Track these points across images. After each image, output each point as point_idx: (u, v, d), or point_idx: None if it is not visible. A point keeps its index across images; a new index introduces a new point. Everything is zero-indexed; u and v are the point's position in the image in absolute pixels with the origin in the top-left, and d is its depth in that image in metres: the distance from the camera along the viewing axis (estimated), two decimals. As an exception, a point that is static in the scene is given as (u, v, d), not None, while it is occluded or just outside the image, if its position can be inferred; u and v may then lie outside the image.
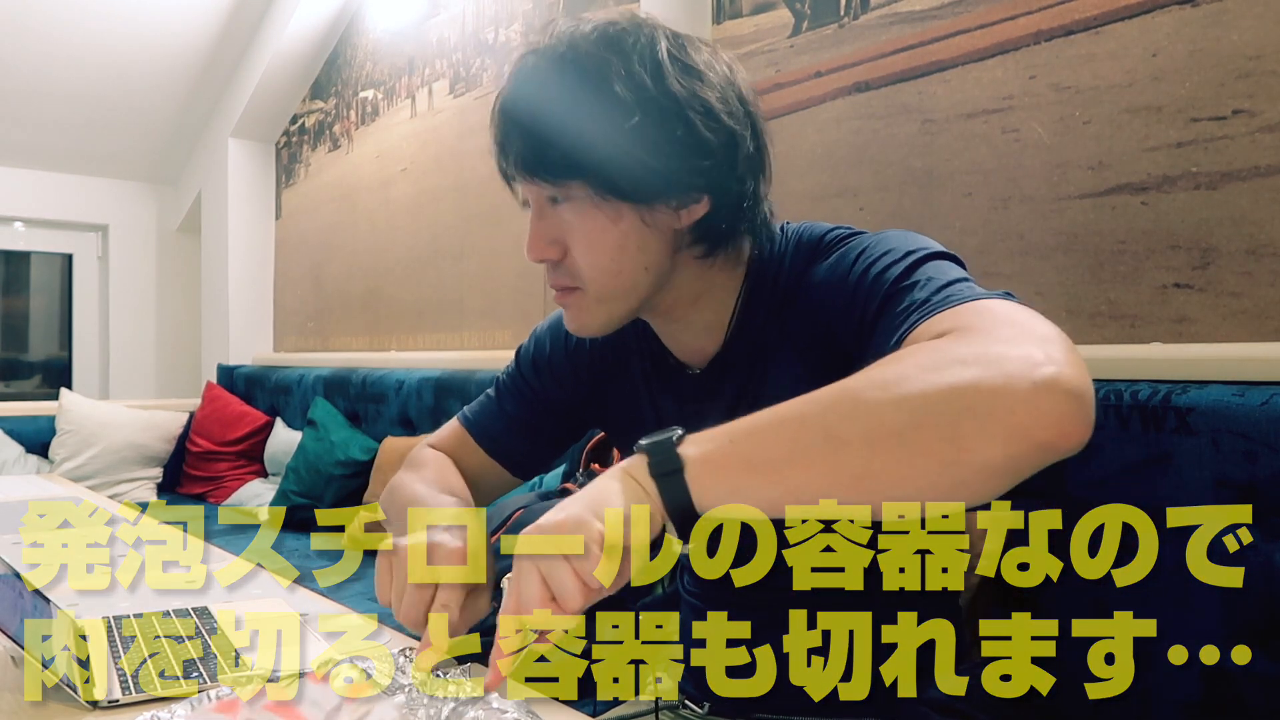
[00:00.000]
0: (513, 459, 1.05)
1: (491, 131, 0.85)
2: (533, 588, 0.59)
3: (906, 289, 0.70)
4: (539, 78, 0.80)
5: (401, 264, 3.26)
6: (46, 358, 4.53)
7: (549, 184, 0.80)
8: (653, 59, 0.78)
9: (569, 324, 0.87)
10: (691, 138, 0.77)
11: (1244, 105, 1.22)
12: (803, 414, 0.59)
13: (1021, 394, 0.53)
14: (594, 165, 0.77)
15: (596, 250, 0.81)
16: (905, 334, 0.65)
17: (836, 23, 1.76)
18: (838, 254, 0.82)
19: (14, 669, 0.80)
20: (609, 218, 0.80)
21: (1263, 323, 1.20)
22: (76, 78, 3.73)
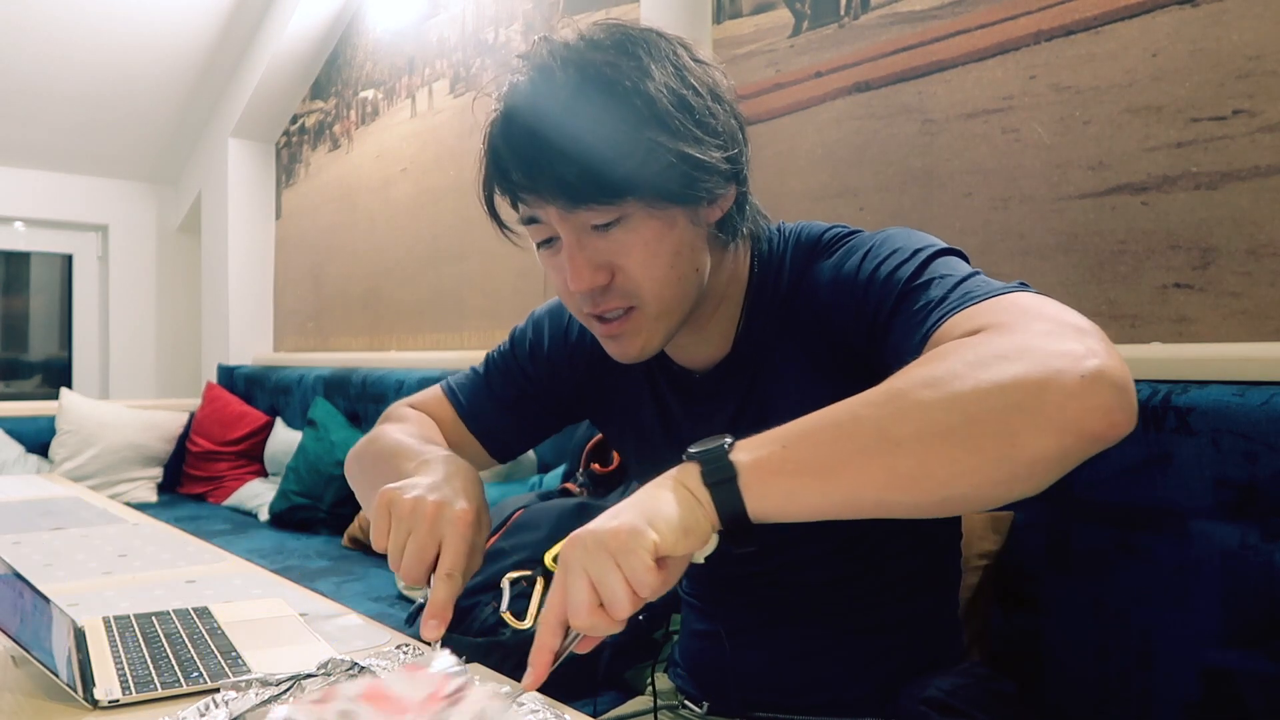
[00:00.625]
0: (493, 438, 1.03)
1: (499, 167, 0.79)
2: (582, 593, 0.58)
3: (921, 287, 0.71)
4: (565, 96, 0.74)
5: (401, 264, 3.26)
6: (47, 358, 4.53)
7: (605, 208, 0.75)
8: (671, 55, 0.78)
9: (625, 351, 0.82)
10: (721, 126, 0.78)
11: (1244, 105, 1.22)
12: (855, 415, 0.58)
13: (1070, 387, 0.54)
14: (650, 177, 0.74)
15: (656, 261, 0.78)
16: (930, 331, 0.66)
17: (836, 23, 1.76)
18: (840, 252, 0.82)
19: (14, 669, 0.80)
20: (665, 225, 0.77)
21: (1263, 323, 1.20)
22: (77, 78, 3.73)
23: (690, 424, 0.91)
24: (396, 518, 0.76)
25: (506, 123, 0.78)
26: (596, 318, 0.81)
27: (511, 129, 0.77)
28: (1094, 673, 1.10)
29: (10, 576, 0.81)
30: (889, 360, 0.70)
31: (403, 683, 0.56)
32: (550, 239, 0.80)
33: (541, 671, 0.60)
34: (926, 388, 0.57)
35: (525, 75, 0.78)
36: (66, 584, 1.16)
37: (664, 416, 0.94)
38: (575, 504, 1.68)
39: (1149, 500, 1.06)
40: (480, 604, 1.51)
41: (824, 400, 0.79)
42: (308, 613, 1.01)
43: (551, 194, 0.75)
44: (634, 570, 0.57)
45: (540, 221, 0.79)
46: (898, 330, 0.71)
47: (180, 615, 0.96)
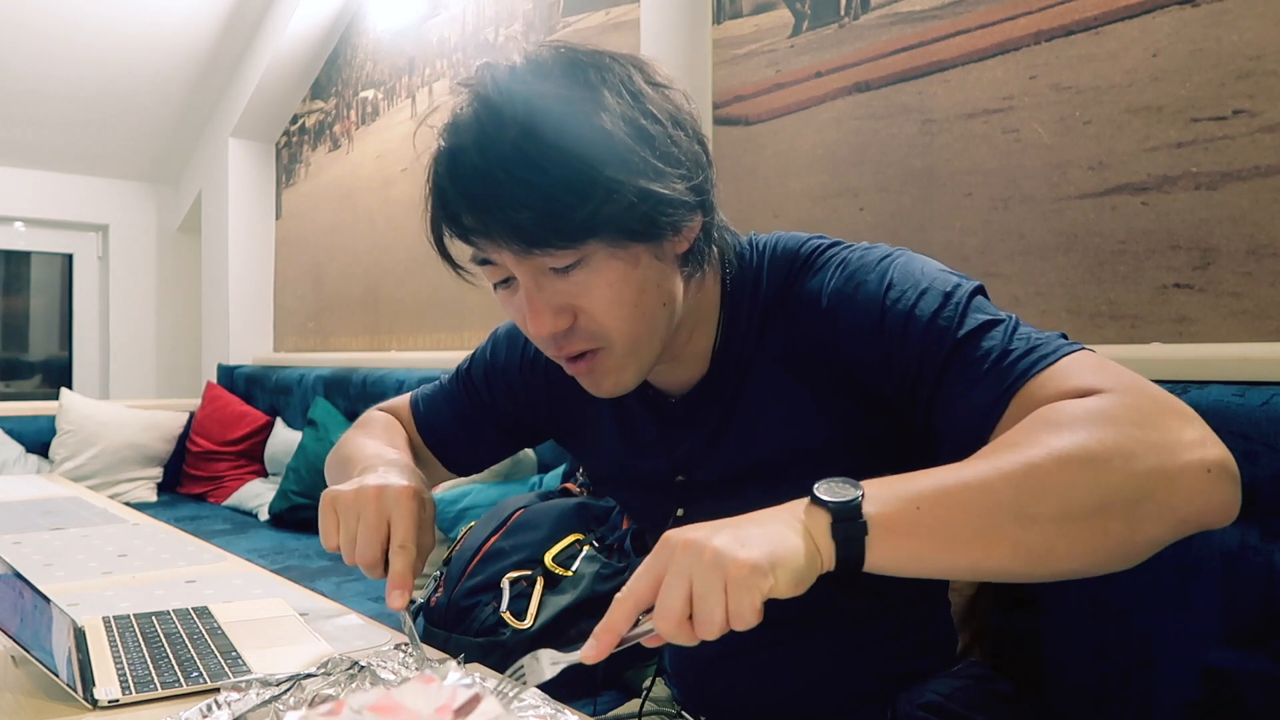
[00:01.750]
0: (448, 453, 1.04)
1: (447, 209, 0.73)
2: (678, 601, 0.56)
3: (974, 336, 0.69)
4: (513, 134, 0.69)
5: (401, 264, 3.26)
6: (47, 357, 4.54)
7: (563, 252, 0.70)
8: (626, 81, 0.73)
9: (599, 387, 0.78)
10: (684, 155, 0.74)
11: (1244, 105, 1.22)
12: (990, 485, 0.57)
13: (1198, 482, 0.57)
14: (610, 217, 0.69)
15: (620, 302, 0.73)
16: (1013, 388, 0.65)
17: (837, 23, 1.76)
18: (833, 269, 0.79)
19: (14, 669, 0.80)
20: (628, 265, 0.73)
21: (1263, 323, 1.20)
22: (77, 77, 3.73)
23: (665, 446, 0.88)
24: (342, 510, 0.78)
25: (452, 162, 0.73)
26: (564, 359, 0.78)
27: (458, 169, 0.72)
28: (1094, 673, 1.10)
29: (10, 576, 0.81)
30: (952, 420, 0.69)
31: (414, 694, 0.56)
32: (507, 280, 0.76)
33: (605, 649, 0.58)
34: (1064, 466, 0.57)
35: (470, 108, 0.74)
36: (66, 584, 1.16)
37: (638, 441, 0.91)
38: (575, 504, 1.68)
39: (1149, 500, 1.05)
40: (480, 604, 1.51)
41: (810, 419, 0.79)
42: (308, 612, 1.01)
43: (505, 238, 0.70)
44: (740, 606, 0.55)
45: (495, 264, 0.74)
46: (963, 388, 0.68)
47: (180, 615, 0.96)
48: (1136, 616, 1.06)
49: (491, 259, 0.74)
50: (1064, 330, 1.39)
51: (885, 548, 0.58)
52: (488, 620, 1.48)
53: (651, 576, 0.58)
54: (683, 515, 0.89)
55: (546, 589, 1.52)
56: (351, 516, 0.77)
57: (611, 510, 1.68)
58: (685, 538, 0.57)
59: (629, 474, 0.93)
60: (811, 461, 0.80)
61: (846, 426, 0.79)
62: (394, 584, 0.75)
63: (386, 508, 0.77)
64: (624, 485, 0.97)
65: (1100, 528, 0.57)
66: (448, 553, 1.70)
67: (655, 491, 0.91)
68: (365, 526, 0.76)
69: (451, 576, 1.59)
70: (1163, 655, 1.04)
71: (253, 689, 0.68)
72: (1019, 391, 0.65)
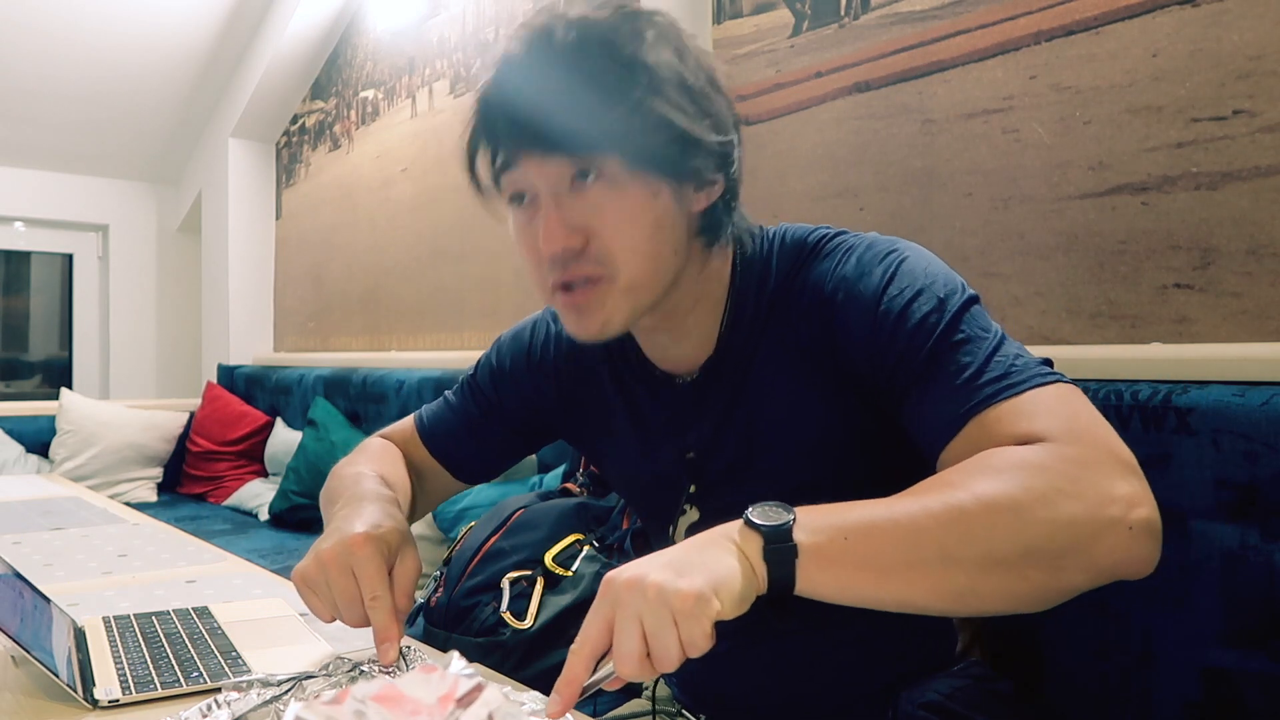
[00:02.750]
0: (455, 462, 1.04)
1: (486, 116, 0.77)
2: (634, 643, 0.58)
3: (955, 347, 0.71)
4: (554, 50, 0.74)
5: (402, 264, 3.26)
6: (47, 358, 4.53)
7: (579, 157, 0.73)
8: (674, 38, 0.77)
9: (586, 325, 0.78)
10: (716, 113, 0.77)
11: (1244, 105, 1.22)
12: (918, 525, 0.60)
13: (1120, 539, 0.60)
14: (634, 133, 0.73)
15: (634, 228, 0.75)
16: (972, 411, 0.68)
17: (837, 23, 1.76)
18: (838, 256, 0.80)
19: (14, 669, 0.80)
20: (648, 193, 0.75)
21: (1263, 323, 1.20)
22: (77, 77, 3.73)
23: (675, 434, 0.89)
24: (313, 585, 0.78)
25: (500, 72, 0.77)
26: (562, 288, 0.77)
27: (504, 76, 0.76)
28: (1094, 673, 1.09)
29: (10, 576, 0.81)
30: (917, 422, 0.72)
31: (417, 684, 0.56)
32: (524, 194, 0.78)
33: (569, 703, 0.59)
34: (989, 513, 0.59)
35: (522, 31, 0.77)
36: (66, 584, 1.16)
37: (645, 428, 0.92)
38: (575, 504, 1.68)
39: (1149, 500, 1.05)
40: (480, 604, 1.51)
41: (814, 407, 0.80)
42: (308, 613, 1.01)
43: (531, 138, 0.73)
44: (692, 635, 0.57)
45: (515, 169, 0.77)
46: (932, 395, 0.71)
47: (180, 615, 0.96)
48: (1136, 616, 1.06)
49: (515, 166, 0.76)
50: (1064, 330, 1.40)
51: (814, 573, 0.60)
52: (488, 620, 1.48)
53: (602, 621, 0.59)
54: (691, 511, 0.90)
55: (546, 589, 1.52)
56: (323, 587, 0.78)
57: (611, 510, 1.68)
58: (625, 578, 0.58)
59: (640, 466, 0.94)
60: (815, 454, 0.82)
61: (846, 419, 0.80)
62: (378, 638, 0.75)
63: (348, 565, 0.77)
64: (634, 479, 0.97)
65: (1020, 574, 0.60)
66: (448, 553, 1.70)
67: (666, 484, 0.91)
68: (337, 592, 0.77)
69: (451, 576, 1.59)
70: (1163, 655, 1.04)
71: (253, 689, 0.68)
72: (977, 416, 0.67)
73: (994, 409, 0.67)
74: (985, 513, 0.59)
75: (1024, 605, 0.62)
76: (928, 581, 0.60)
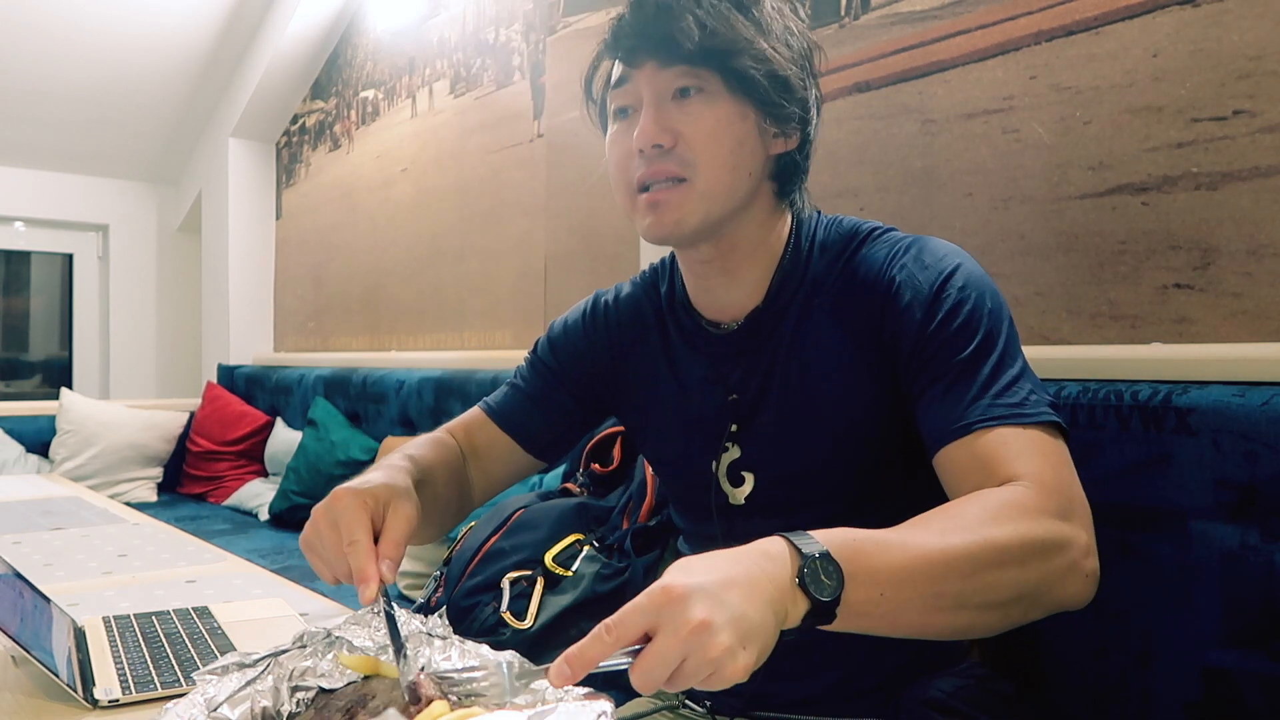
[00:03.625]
0: (528, 433, 1.06)
1: (625, 22, 0.86)
2: (664, 672, 0.55)
3: (989, 360, 0.79)
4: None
5: (402, 264, 3.26)
6: (47, 357, 4.53)
7: (691, 70, 0.84)
8: (793, 9, 0.90)
9: (660, 223, 0.86)
10: (807, 75, 0.89)
11: (1245, 105, 1.22)
12: (943, 578, 0.65)
13: (1076, 588, 0.71)
14: (745, 60, 0.83)
15: (720, 140, 0.84)
16: (975, 425, 0.77)
17: (837, 23, 1.76)
18: (901, 248, 0.88)
19: (14, 669, 0.80)
20: (738, 114, 0.85)
21: (1263, 323, 1.20)
22: (77, 77, 3.73)
23: (712, 380, 0.95)
24: (309, 546, 0.79)
25: (626, 10, 0.87)
26: (643, 189, 0.86)
27: (628, 11, 0.87)
28: (1094, 673, 1.10)
29: (10, 576, 0.81)
30: (930, 412, 0.80)
31: None
32: (627, 109, 0.88)
33: (573, 679, 0.57)
34: (999, 566, 0.67)
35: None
36: (66, 584, 1.17)
37: (683, 385, 0.97)
38: (575, 504, 1.68)
39: (1149, 501, 1.06)
40: (480, 604, 1.51)
41: (856, 376, 0.87)
42: (308, 613, 1.01)
43: (653, 47, 0.84)
44: (720, 680, 0.55)
45: (628, 83, 0.87)
46: (953, 395, 0.79)
47: (180, 615, 0.96)
48: (1136, 616, 1.06)
49: (628, 77, 0.87)
50: (1064, 330, 1.40)
51: (845, 622, 0.62)
52: (488, 620, 1.48)
53: (646, 624, 0.56)
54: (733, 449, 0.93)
55: (547, 589, 1.51)
56: (317, 545, 0.78)
57: (611, 510, 1.68)
58: (697, 619, 0.54)
59: (683, 411, 0.97)
60: (852, 418, 0.87)
61: (881, 392, 0.86)
62: (356, 580, 0.74)
63: (332, 518, 0.77)
64: (674, 429, 1.00)
65: (1006, 612, 0.69)
66: (448, 553, 1.70)
67: (708, 425, 0.95)
68: (326, 546, 0.77)
69: (451, 576, 1.59)
70: (1163, 655, 1.04)
71: (230, 673, 0.67)
72: (982, 431, 0.76)
73: (997, 431, 0.75)
74: (996, 566, 0.66)
75: (993, 633, 0.71)
76: (939, 623, 0.67)
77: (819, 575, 0.60)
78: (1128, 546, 1.07)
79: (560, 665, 0.56)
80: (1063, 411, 1.14)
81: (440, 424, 1.10)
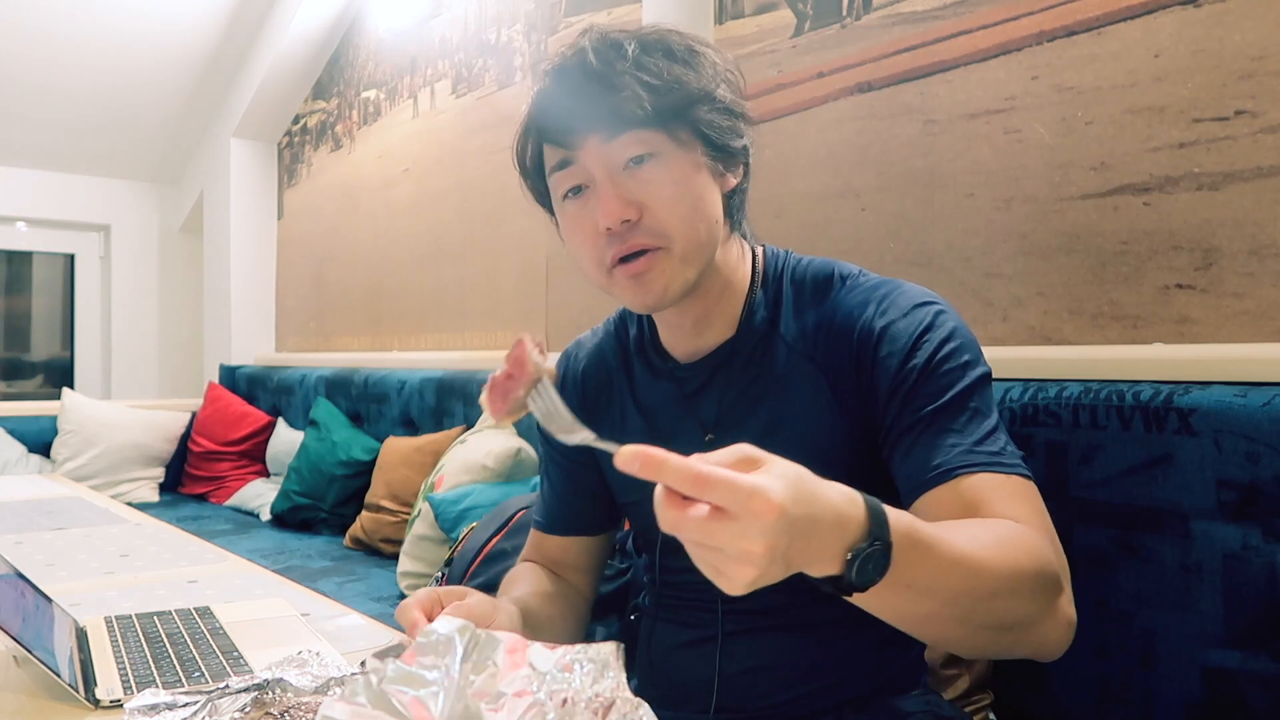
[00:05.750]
0: (583, 523, 1.05)
1: (555, 101, 0.84)
2: (694, 539, 0.51)
3: (966, 411, 0.80)
4: (623, 45, 0.83)
5: (403, 264, 3.27)
6: (49, 358, 4.54)
7: (651, 131, 0.82)
8: (713, 52, 0.88)
9: (649, 290, 0.84)
10: (744, 114, 0.88)
11: (1246, 106, 1.22)
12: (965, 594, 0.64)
13: (1058, 630, 0.72)
14: (701, 108, 0.83)
15: (683, 201, 0.83)
16: (958, 471, 0.76)
17: (839, 23, 1.76)
18: (880, 293, 0.87)
19: (16, 669, 0.80)
20: (691, 165, 0.84)
21: (1265, 323, 1.20)
22: (79, 77, 3.74)
23: (683, 413, 0.93)
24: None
25: (560, 70, 0.85)
26: (620, 261, 0.84)
27: (565, 72, 0.85)
28: (1095, 673, 1.09)
29: (12, 576, 0.81)
30: (906, 459, 0.80)
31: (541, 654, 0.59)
32: (579, 187, 0.85)
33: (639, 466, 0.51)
34: (1013, 595, 0.67)
35: (580, 44, 0.86)
36: (68, 584, 1.17)
37: (650, 422, 0.96)
38: (577, 504, 1.67)
39: (1151, 501, 1.06)
40: (482, 604, 1.51)
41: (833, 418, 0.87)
42: (309, 613, 1.01)
43: (597, 120, 0.82)
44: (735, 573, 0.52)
45: (572, 165, 0.84)
46: (927, 441, 0.79)
47: (182, 615, 0.96)
48: (1138, 617, 1.06)
49: (571, 159, 0.84)
50: (1066, 330, 1.40)
51: (871, 600, 0.60)
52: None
53: (725, 502, 0.50)
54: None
55: (548, 589, 1.51)
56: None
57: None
58: (757, 548, 0.50)
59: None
60: (828, 459, 0.81)
61: (856, 435, 0.85)
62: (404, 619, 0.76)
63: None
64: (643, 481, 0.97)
65: (999, 637, 0.70)
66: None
67: None
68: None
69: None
70: (1164, 655, 1.04)
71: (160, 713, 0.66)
72: (964, 476, 0.76)
73: (980, 476, 0.75)
74: (1011, 592, 0.66)
75: (972, 655, 0.74)
76: (939, 631, 0.68)
77: (867, 565, 0.56)
78: (1129, 547, 1.07)
79: (637, 451, 0.51)
80: (1065, 411, 1.15)
81: (442, 425, 1.11)
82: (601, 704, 0.56)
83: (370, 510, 2.51)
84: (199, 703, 0.67)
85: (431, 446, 2.41)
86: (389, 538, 2.41)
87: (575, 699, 0.56)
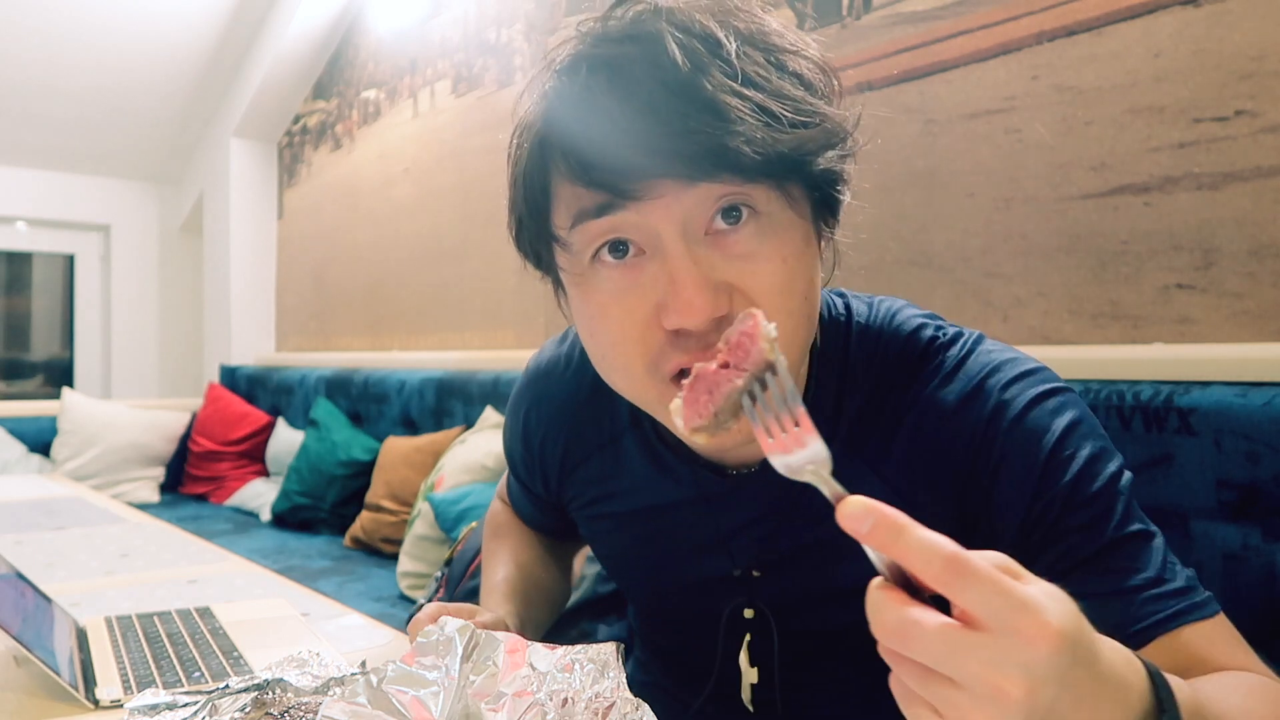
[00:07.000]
0: (554, 531, 1.00)
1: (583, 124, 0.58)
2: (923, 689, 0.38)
3: (1132, 541, 0.61)
4: (729, 36, 0.56)
5: (403, 264, 3.27)
6: (49, 358, 4.54)
7: (762, 184, 0.55)
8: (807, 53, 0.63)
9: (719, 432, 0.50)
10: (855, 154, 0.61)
11: (1246, 106, 1.22)
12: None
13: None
14: (828, 160, 0.57)
15: (794, 288, 0.57)
16: (1165, 627, 0.59)
17: (839, 23, 1.76)
18: (988, 396, 0.64)
19: (16, 669, 0.80)
20: (803, 238, 0.58)
21: (1265, 323, 1.20)
22: (79, 77, 3.74)
23: (719, 539, 0.73)
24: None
25: (614, 61, 0.56)
26: (681, 373, 0.55)
27: (623, 66, 0.55)
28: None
29: (12, 576, 0.81)
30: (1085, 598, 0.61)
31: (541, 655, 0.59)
32: (625, 245, 0.57)
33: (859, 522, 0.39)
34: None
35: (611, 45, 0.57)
36: (68, 584, 1.17)
37: (670, 524, 0.76)
38: (577, 504, 1.67)
39: (1151, 501, 1.05)
40: (482, 604, 1.51)
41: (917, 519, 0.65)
42: (310, 613, 1.01)
43: (677, 158, 0.52)
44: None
45: (621, 212, 0.55)
46: (1103, 590, 0.59)
47: (182, 615, 0.96)
48: (1138, 617, 1.06)
49: (623, 205, 0.55)
50: (1066, 330, 1.40)
51: None
52: (489, 620, 1.48)
53: (982, 614, 0.37)
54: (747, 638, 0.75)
55: (548, 589, 1.51)
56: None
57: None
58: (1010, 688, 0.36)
59: (674, 571, 0.79)
60: None
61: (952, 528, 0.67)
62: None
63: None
64: (654, 583, 0.85)
65: None
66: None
67: (708, 598, 0.75)
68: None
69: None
70: (1165, 656, 1.04)
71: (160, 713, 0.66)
72: (1171, 633, 0.59)
73: (1191, 629, 0.59)
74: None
75: None
76: None
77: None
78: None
79: (870, 506, 0.39)
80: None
81: (442, 425, 1.10)
82: (601, 704, 0.56)
83: (370, 510, 2.51)
84: (199, 703, 0.67)
85: (431, 446, 2.41)
86: (389, 538, 2.41)
87: (575, 699, 0.56)
